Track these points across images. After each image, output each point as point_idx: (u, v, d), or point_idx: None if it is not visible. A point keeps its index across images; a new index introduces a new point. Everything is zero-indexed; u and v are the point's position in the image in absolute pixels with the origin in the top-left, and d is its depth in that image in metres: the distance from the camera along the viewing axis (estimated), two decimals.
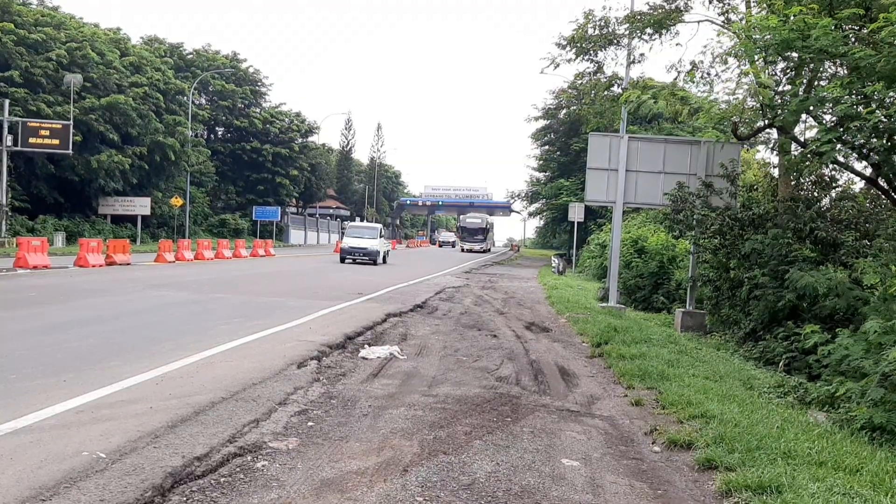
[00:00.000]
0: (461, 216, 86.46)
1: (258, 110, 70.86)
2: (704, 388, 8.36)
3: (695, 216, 15.66)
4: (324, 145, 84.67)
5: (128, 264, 26.50)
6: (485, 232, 74.08)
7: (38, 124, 36.75)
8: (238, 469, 5.29)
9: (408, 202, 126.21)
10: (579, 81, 23.15)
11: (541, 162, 60.46)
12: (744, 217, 14.95)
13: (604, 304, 18.40)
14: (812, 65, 12.83)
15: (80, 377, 7.71)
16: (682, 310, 16.22)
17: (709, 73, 16.76)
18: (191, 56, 65.83)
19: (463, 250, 70.76)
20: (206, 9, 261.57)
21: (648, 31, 17.79)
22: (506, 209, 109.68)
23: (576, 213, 38.33)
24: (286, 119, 72.47)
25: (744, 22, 13.65)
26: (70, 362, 8.51)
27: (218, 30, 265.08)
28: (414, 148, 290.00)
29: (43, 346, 9.59)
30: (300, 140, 73.42)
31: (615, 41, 19.11)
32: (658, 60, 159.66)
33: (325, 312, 14.52)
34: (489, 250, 74.97)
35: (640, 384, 8.83)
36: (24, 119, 36.64)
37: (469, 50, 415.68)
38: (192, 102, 55.15)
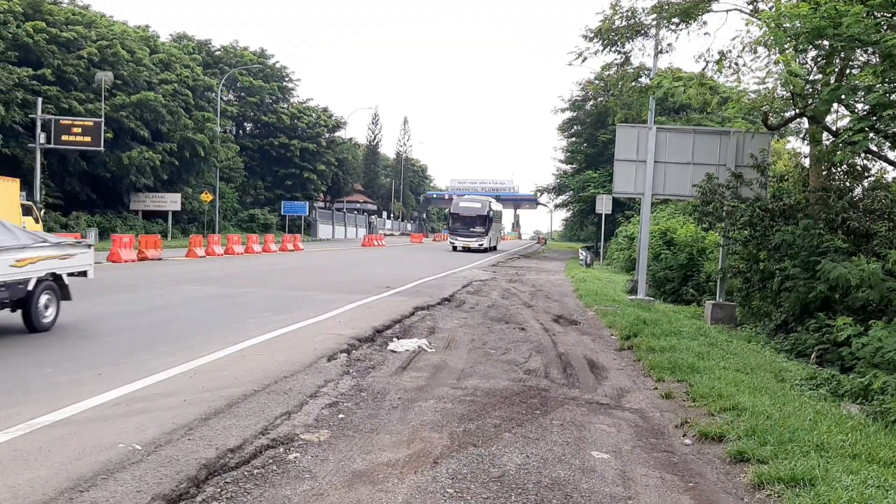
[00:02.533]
0: (454, 199, 57.65)
1: (286, 106, 71.24)
2: (735, 381, 8.29)
3: (724, 207, 15.49)
4: (351, 140, 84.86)
5: (159, 259, 26.86)
6: (486, 221, 48.72)
7: (70, 122, 37.32)
8: (271, 461, 5.36)
9: (434, 196, 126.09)
10: (606, 73, 22.94)
11: (567, 154, 60.09)
12: (774, 208, 14.76)
13: (632, 297, 18.29)
14: (843, 53, 12.63)
15: (115, 370, 7.86)
16: (712, 302, 16.07)
17: (737, 63, 16.56)
18: (219, 52, 66.35)
19: (455, 248, 47.27)
20: (232, 3, 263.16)
21: (675, 20, 17.61)
22: (532, 202, 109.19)
23: (603, 206, 38.11)
24: (313, 114, 72.76)
25: (773, 10, 13.45)
26: (104, 356, 8.68)
27: (245, 25, 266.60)
28: (440, 142, 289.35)
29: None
30: (327, 135, 73.75)
31: (642, 31, 18.93)
32: (686, 51, 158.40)
33: (353, 306, 14.61)
34: (494, 248, 52.14)
35: (670, 377, 8.78)
36: (57, 117, 37.24)
37: (497, 43, 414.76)
38: (221, 99, 55.58)
